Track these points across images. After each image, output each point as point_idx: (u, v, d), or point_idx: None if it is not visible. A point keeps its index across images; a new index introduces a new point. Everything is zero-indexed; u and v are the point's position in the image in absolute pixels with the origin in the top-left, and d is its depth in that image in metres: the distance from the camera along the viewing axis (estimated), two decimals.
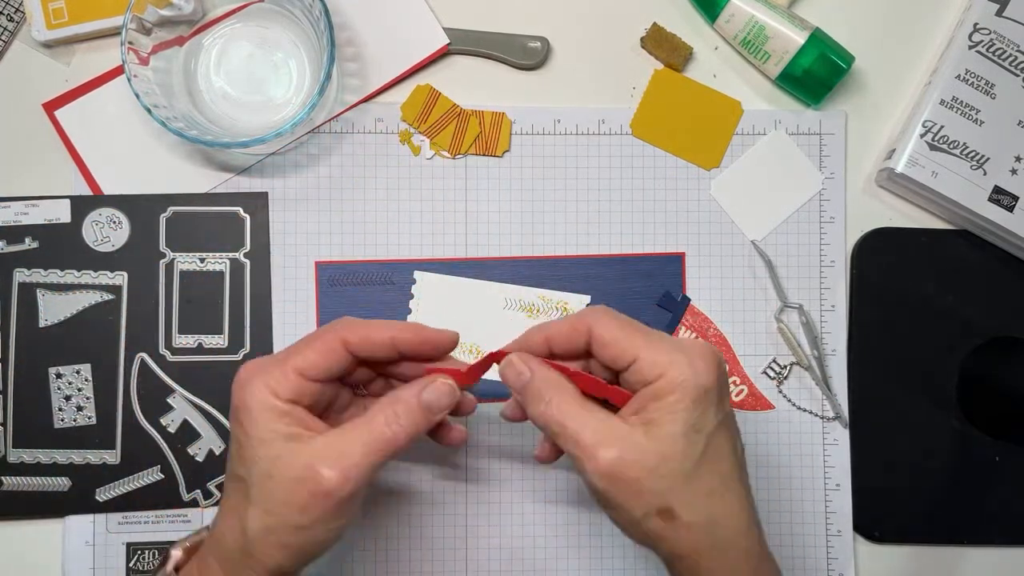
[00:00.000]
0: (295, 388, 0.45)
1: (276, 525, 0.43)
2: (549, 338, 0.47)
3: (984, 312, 0.62)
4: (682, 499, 0.42)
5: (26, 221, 0.59)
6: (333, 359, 0.45)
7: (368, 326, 0.46)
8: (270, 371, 0.45)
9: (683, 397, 0.42)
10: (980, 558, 0.62)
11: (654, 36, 0.61)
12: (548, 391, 0.45)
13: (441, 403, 0.46)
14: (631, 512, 0.42)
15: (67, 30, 0.59)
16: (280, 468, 0.43)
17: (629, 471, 0.42)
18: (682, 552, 0.43)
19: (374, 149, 0.61)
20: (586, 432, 0.43)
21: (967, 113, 0.60)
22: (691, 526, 0.42)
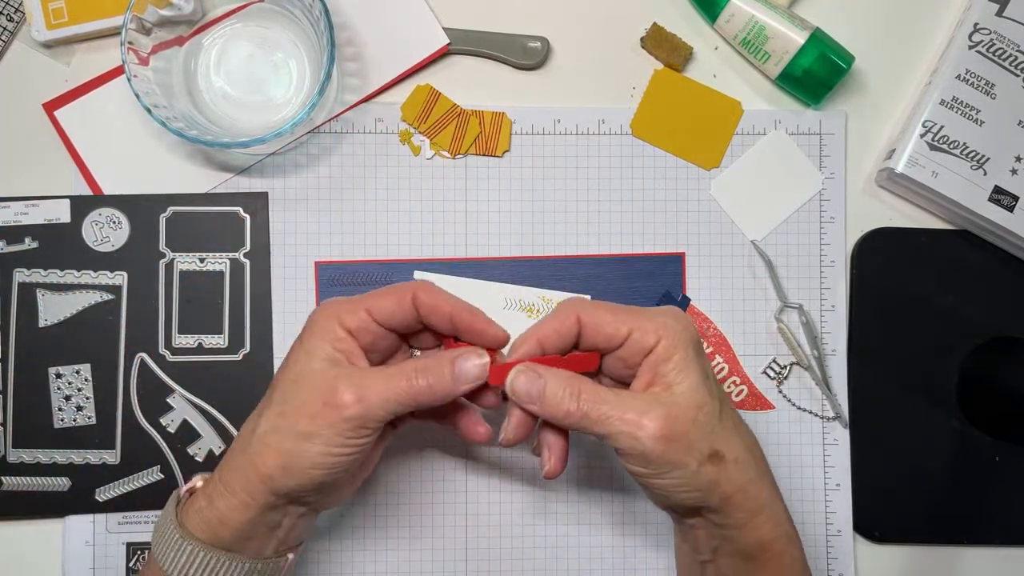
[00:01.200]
0: (358, 322, 0.47)
1: (281, 427, 0.45)
2: (541, 340, 0.48)
3: (984, 312, 0.62)
4: (723, 439, 0.46)
5: (26, 221, 0.59)
6: (399, 309, 0.47)
7: (439, 294, 0.48)
8: (347, 303, 0.47)
9: (686, 353, 0.46)
10: (980, 558, 0.62)
11: (654, 36, 0.61)
12: (574, 386, 0.46)
13: (469, 374, 0.46)
14: (687, 466, 0.45)
15: (67, 30, 0.59)
16: (308, 378, 0.45)
17: (677, 427, 0.44)
18: (733, 490, 0.46)
19: (374, 149, 0.61)
20: (628, 408, 0.45)
21: (967, 113, 0.60)
22: (737, 461, 0.46)
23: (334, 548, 0.60)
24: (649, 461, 0.45)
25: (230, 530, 0.45)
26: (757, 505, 0.46)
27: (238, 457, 0.46)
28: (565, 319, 0.47)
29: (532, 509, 0.60)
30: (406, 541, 0.60)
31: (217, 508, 0.45)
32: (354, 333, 0.47)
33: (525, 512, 0.60)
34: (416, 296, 0.47)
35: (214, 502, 0.45)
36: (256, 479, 0.45)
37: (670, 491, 0.46)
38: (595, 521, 0.61)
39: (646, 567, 0.61)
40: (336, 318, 0.47)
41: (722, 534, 0.47)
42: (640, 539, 0.61)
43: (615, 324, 0.47)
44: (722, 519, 0.46)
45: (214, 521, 0.45)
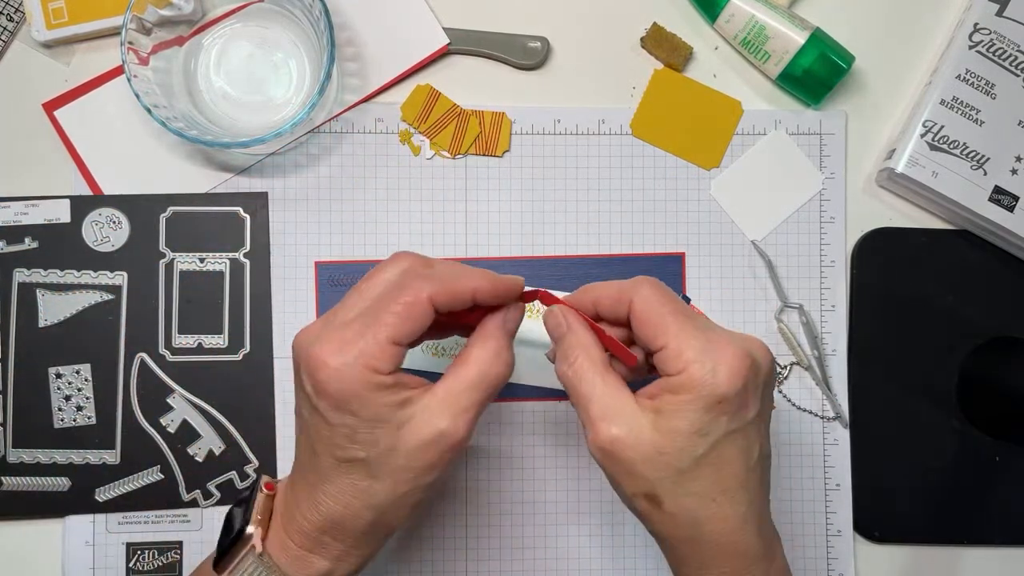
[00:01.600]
0: (394, 359, 0.43)
1: (408, 491, 0.43)
2: (596, 301, 0.47)
3: (984, 312, 0.62)
4: (668, 491, 0.43)
5: (26, 221, 0.59)
6: (423, 321, 0.43)
7: (449, 282, 0.44)
8: (364, 348, 0.42)
9: (696, 400, 0.42)
10: (980, 558, 0.62)
11: (654, 36, 0.61)
12: (574, 352, 0.45)
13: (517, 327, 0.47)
14: (622, 488, 0.44)
15: (67, 30, 0.59)
16: (403, 440, 0.43)
17: (624, 452, 0.43)
18: (664, 535, 0.45)
19: (374, 149, 0.61)
20: (595, 403, 0.44)
21: (967, 113, 0.60)
22: (674, 516, 0.43)
23: None
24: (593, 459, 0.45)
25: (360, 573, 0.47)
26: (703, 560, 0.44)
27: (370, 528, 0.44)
28: (623, 295, 0.45)
29: (532, 509, 0.61)
30: (405, 540, 0.60)
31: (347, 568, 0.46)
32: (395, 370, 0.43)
33: (525, 512, 0.60)
34: (433, 300, 0.43)
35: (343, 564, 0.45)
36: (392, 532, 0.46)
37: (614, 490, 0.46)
38: (602, 521, 0.61)
39: (646, 567, 0.61)
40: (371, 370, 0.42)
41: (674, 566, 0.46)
42: (639, 538, 0.61)
43: (655, 330, 0.44)
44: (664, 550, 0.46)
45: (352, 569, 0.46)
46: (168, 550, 0.59)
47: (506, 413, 0.61)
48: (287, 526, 0.46)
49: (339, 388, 0.42)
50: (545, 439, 0.61)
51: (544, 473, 0.61)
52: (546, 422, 0.61)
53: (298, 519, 0.45)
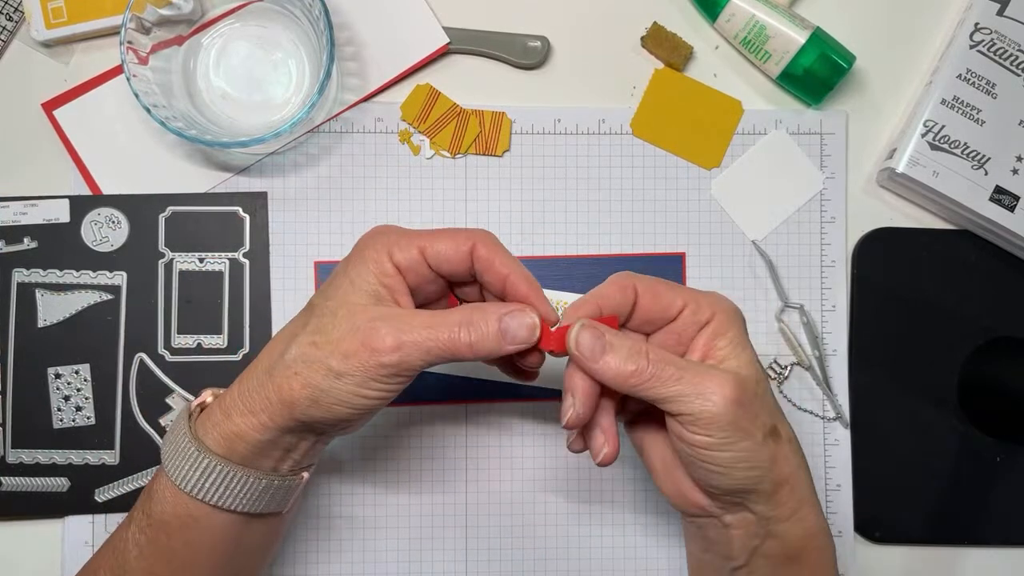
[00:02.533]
0: (409, 260, 0.45)
1: (313, 358, 0.43)
2: (601, 306, 0.46)
3: (984, 312, 0.62)
4: (779, 418, 0.46)
5: (25, 221, 0.59)
6: (455, 256, 0.45)
7: (499, 252, 0.46)
8: (400, 236, 0.46)
9: (739, 328, 0.46)
10: (980, 558, 0.62)
11: (654, 35, 0.61)
12: (640, 345, 0.44)
13: (518, 335, 0.44)
14: (753, 436, 0.44)
15: (66, 30, 0.59)
16: (348, 311, 0.44)
17: (745, 396, 0.44)
18: (788, 471, 0.45)
19: (374, 149, 0.61)
20: (697, 372, 0.44)
21: (968, 113, 0.60)
22: (791, 441, 0.46)
23: (333, 540, 0.60)
24: (718, 427, 0.43)
25: (247, 446, 0.45)
26: (804, 495, 0.45)
27: (262, 377, 0.45)
28: (623, 288, 0.46)
29: (532, 509, 0.60)
30: (405, 541, 0.60)
31: (234, 423, 0.44)
32: (403, 270, 0.45)
33: (526, 512, 0.60)
34: (475, 248, 0.45)
35: (231, 417, 0.45)
36: (279, 403, 0.44)
37: (730, 466, 0.44)
38: (599, 521, 0.61)
39: (659, 567, 0.60)
40: (387, 250, 0.45)
41: (767, 530, 0.45)
42: (653, 539, 0.61)
43: (671, 296, 0.46)
44: (771, 509, 0.45)
45: (231, 435, 0.44)
46: None
47: (507, 413, 0.61)
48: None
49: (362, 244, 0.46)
50: (545, 439, 0.61)
51: (544, 473, 0.61)
52: (546, 422, 0.61)
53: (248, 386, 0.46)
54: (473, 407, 0.61)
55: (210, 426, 0.45)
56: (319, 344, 0.44)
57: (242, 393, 0.45)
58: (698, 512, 0.48)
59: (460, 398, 0.60)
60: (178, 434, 0.46)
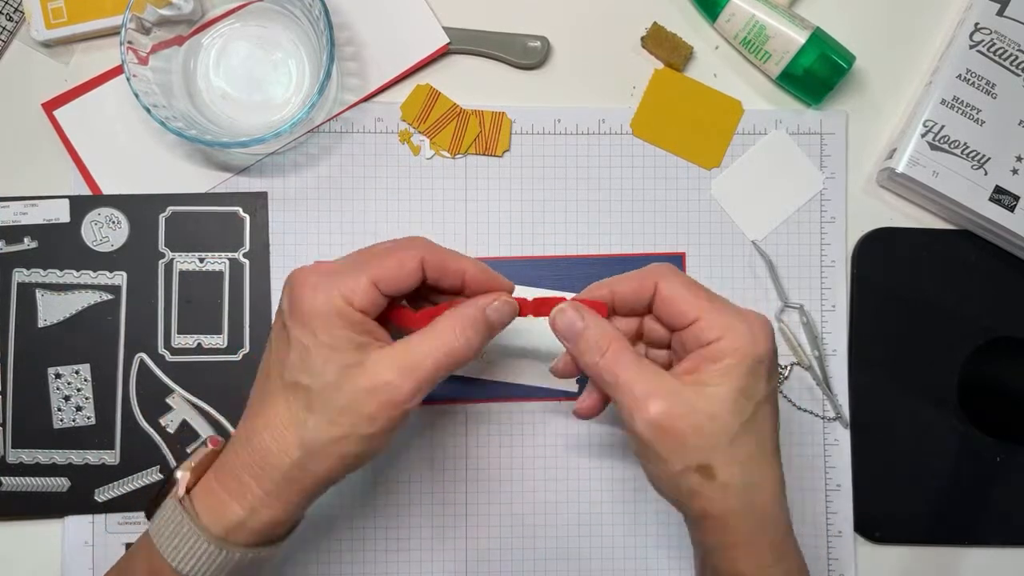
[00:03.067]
0: (370, 299, 0.44)
1: (341, 435, 0.43)
2: (614, 292, 0.47)
3: (984, 312, 0.62)
4: (722, 459, 0.43)
5: (25, 221, 0.59)
6: (409, 276, 0.45)
7: (445, 253, 0.47)
8: (345, 278, 0.44)
9: (739, 363, 0.43)
10: (980, 558, 0.62)
11: (654, 36, 0.61)
12: (604, 341, 0.45)
13: (504, 320, 0.47)
14: (671, 465, 0.44)
15: (66, 30, 0.59)
16: (351, 377, 0.43)
17: (676, 424, 0.43)
18: (714, 512, 0.44)
19: (374, 149, 0.61)
20: (639, 383, 0.44)
21: (968, 113, 0.60)
22: (727, 486, 0.43)
23: (333, 543, 0.60)
24: (637, 443, 0.44)
25: (281, 530, 0.46)
26: (737, 538, 0.44)
27: (294, 472, 0.44)
28: (646, 281, 0.47)
29: (532, 509, 0.60)
30: (405, 541, 0.60)
31: (264, 518, 0.44)
32: (366, 311, 0.45)
33: (526, 512, 0.60)
34: (425, 261, 0.46)
35: (259, 514, 0.44)
36: (318, 487, 0.45)
37: (653, 480, 0.46)
38: (599, 521, 0.61)
39: (659, 567, 0.60)
40: (343, 298, 0.44)
41: (701, 551, 0.46)
42: (652, 539, 0.61)
43: (686, 306, 0.45)
44: (697, 536, 0.46)
45: (262, 529, 0.44)
46: None
47: (506, 413, 0.61)
48: (218, 468, 0.46)
49: (310, 305, 0.44)
50: (545, 439, 0.61)
51: (544, 473, 0.61)
52: (547, 422, 0.61)
53: (229, 456, 0.45)
54: (473, 407, 0.61)
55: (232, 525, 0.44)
56: (339, 421, 0.43)
57: (270, 491, 0.44)
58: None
59: (460, 398, 0.60)
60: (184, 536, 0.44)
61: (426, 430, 0.60)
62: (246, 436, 0.45)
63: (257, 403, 0.46)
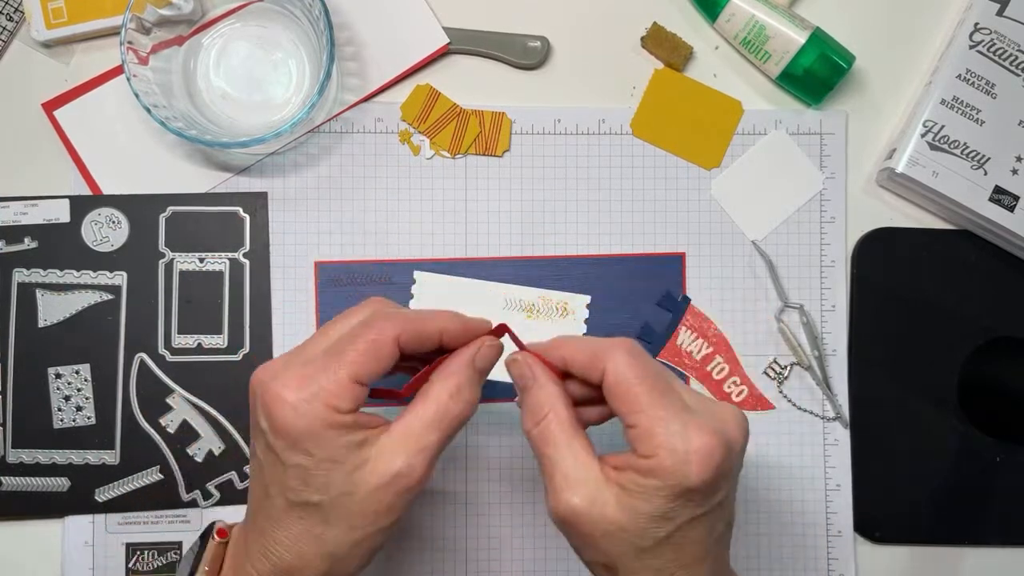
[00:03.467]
0: (354, 397, 0.42)
1: (363, 537, 0.42)
2: (567, 360, 0.45)
3: (984, 312, 0.62)
4: (627, 566, 0.41)
5: (25, 221, 0.59)
6: (387, 361, 0.43)
7: (416, 321, 0.44)
8: (324, 384, 0.41)
9: (663, 488, 0.40)
10: (980, 558, 0.62)
11: (654, 36, 0.61)
12: (542, 410, 0.44)
13: (493, 363, 0.46)
14: (580, 553, 0.44)
15: (66, 30, 0.59)
16: (360, 480, 0.41)
17: (584, 525, 0.41)
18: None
19: (374, 149, 0.61)
20: (559, 470, 0.42)
21: (968, 113, 0.60)
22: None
23: None
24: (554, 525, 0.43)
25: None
26: None
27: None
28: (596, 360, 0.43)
29: (532, 509, 0.60)
30: (406, 541, 0.60)
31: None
32: (354, 410, 0.42)
33: (526, 512, 0.60)
34: (399, 340, 0.43)
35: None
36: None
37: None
38: None
39: None
40: (330, 408, 0.41)
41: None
42: None
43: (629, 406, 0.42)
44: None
45: None
46: (168, 550, 0.59)
47: (507, 413, 0.61)
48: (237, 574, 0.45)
49: (295, 425, 0.41)
50: None
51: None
52: None
53: (247, 568, 0.44)
54: None
55: None
56: (359, 524, 0.42)
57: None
58: None
59: None
60: None
61: None
62: (262, 550, 0.43)
63: (263, 520, 0.43)
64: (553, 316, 0.61)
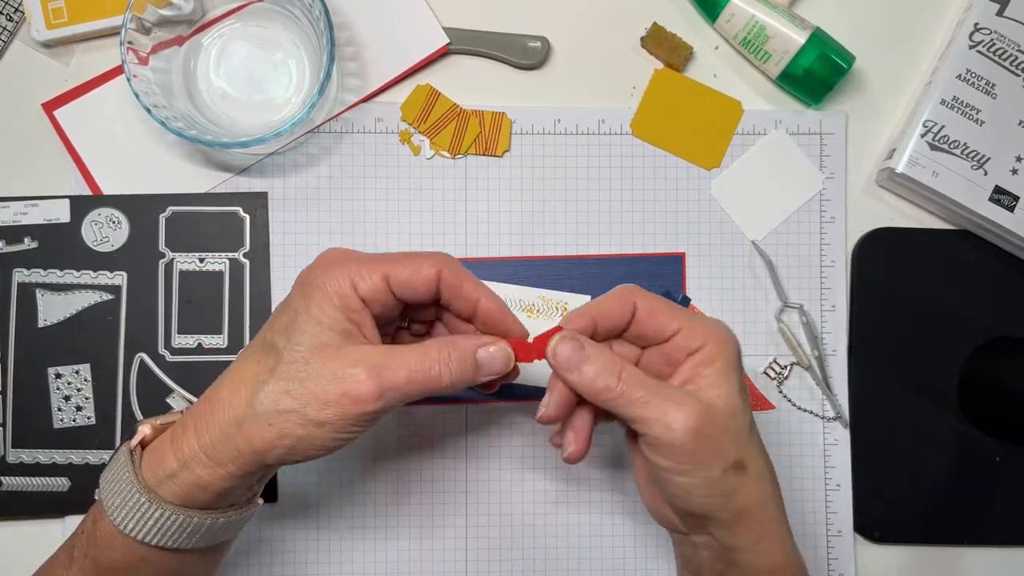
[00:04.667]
0: (375, 291, 0.44)
1: (289, 408, 0.42)
2: (596, 319, 0.46)
3: (984, 312, 0.62)
4: (748, 452, 0.45)
5: (25, 221, 0.59)
6: (422, 284, 0.45)
7: (464, 276, 0.46)
8: (361, 264, 0.44)
9: (729, 361, 0.45)
10: (980, 558, 0.62)
11: (654, 36, 0.61)
12: (616, 363, 0.45)
13: (494, 367, 0.46)
14: (711, 469, 0.44)
15: (67, 30, 0.59)
16: (321, 357, 0.42)
17: (710, 426, 0.43)
18: (750, 505, 0.45)
19: (374, 149, 0.61)
20: (666, 396, 0.44)
21: (968, 113, 0.60)
22: (759, 476, 0.45)
23: (333, 539, 0.60)
24: (676, 454, 0.43)
25: (210, 495, 0.43)
26: (768, 528, 0.45)
27: (228, 428, 0.42)
28: (623, 302, 0.46)
29: (532, 509, 0.60)
30: (405, 541, 0.60)
31: (195, 474, 0.43)
32: (368, 302, 0.44)
33: (526, 512, 0.60)
34: (442, 275, 0.45)
35: (191, 468, 0.43)
36: (250, 454, 0.42)
37: (690, 491, 0.44)
38: (599, 521, 0.61)
39: (659, 566, 0.61)
40: (350, 281, 0.44)
41: (730, 558, 0.46)
42: (653, 538, 0.61)
43: (667, 318, 0.46)
44: (731, 539, 0.45)
45: (191, 486, 0.43)
46: None
47: (506, 413, 0.61)
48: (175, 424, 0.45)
49: (319, 276, 0.44)
50: (546, 439, 0.61)
51: (544, 473, 0.61)
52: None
53: (188, 409, 0.45)
54: (473, 407, 0.61)
55: (163, 475, 0.43)
56: (294, 393, 0.42)
57: (204, 445, 0.43)
58: (672, 528, 0.49)
59: (460, 398, 0.60)
60: (123, 482, 0.43)
61: (426, 429, 0.60)
62: (210, 390, 0.45)
63: (235, 360, 0.45)
64: (553, 316, 0.61)
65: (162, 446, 0.44)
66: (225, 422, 0.43)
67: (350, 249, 0.46)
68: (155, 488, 0.43)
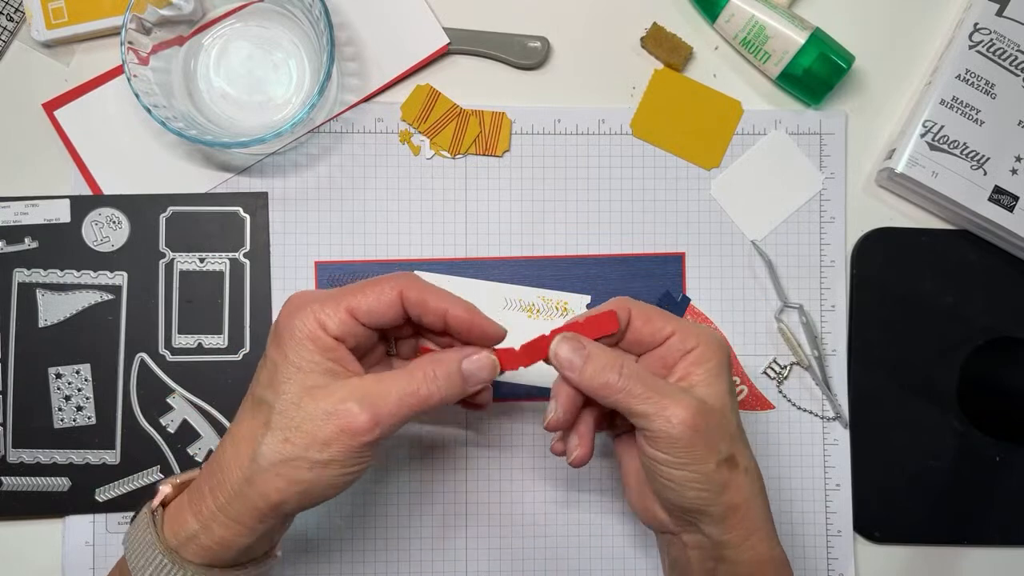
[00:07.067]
0: (343, 325, 0.45)
1: (292, 456, 0.43)
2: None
3: (984, 312, 0.62)
4: (739, 448, 0.47)
5: (26, 221, 0.59)
6: (387, 309, 0.46)
7: (427, 291, 0.46)
8: (324, 304, 0.45)
9: (721, 363, 0.47)
10: (980, 558, 0.62)
11: (654, 36, 0.61)
12: (617, 360, 0.46)
13: (481, 376, 0.47)
14: (706, 463, 0.45)
15: (67, 30, 0.59)
16: (311, 399, 0.43)
17: (705, 421, 0.45)
18: (741, 500, 0.46)
19: (374, 149, 0.61)
20: (665, 392, 0.45)
21: (967, 113, 0.60)
22: (747, 472, 0.47)
23: (334, 539, 0.60)
24: (674, 448, 0.45)
25: (232, 551, 0.44)
26: (756, 524, 0.47)
27: (240, 486, 0.44)
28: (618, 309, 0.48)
29: (532, 509, 0.61)
30: (405, 541, 0.60)
31: (216, 534, 0.44)
32: (341, 337, 0.45)
33: (526, 512, 0.60)
34: (404, 295, 0.46)
35: (211, 529, 0.44)
36: (267, 508, 0.44)
37: (684, 485, 0.46)
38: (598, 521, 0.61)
39: (644, 559, 0.61)
40: (318, 322, 0.44)
41: (720, 554, 0.47)
42: (653, 538, 0.61)
43: (661, 323, 0.48)
44: (721, 533, 0.46)
45: (214, 547, 0.44)
46: None
47: (506, 413, 0.61)
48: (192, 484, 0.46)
49: (286, 325, 0.45)
50: (546, 438, 0.61)
51: (544, 473, 0.61)
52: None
53: (201, 470, 0.46)
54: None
55: (184, 537, 0.44)
56: (293, 440, 0.43)
57: (221, 506, 0.44)
58: (660, 528, 0.50)
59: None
60: (145, 544, 0.45)
61: (425, 429, 0.60)
62: (216, 452, 0.46)
63: (232, 421, 0.47)
64: (553, 316, 0.61)
65: (181, 507, 0.45)
66: (236, 481, 0.44)
67: (311, 290, 0.47)
68: (177, 549, 0.44)
